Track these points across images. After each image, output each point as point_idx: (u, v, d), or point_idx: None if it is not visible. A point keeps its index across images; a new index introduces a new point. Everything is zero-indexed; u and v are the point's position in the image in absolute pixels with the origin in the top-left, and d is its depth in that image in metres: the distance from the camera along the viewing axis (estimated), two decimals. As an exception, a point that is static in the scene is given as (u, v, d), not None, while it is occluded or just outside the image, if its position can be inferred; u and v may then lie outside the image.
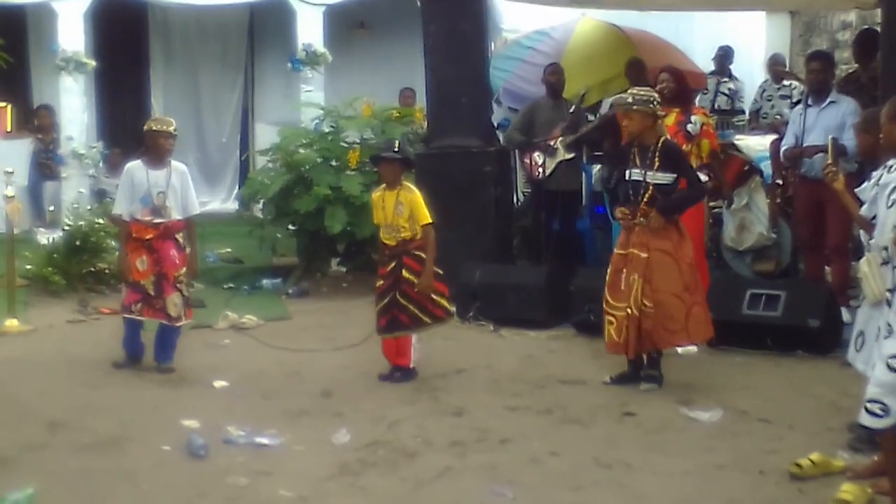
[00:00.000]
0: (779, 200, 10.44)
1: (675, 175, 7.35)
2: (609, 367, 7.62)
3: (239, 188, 14.97)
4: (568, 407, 6.93)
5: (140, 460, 6.00)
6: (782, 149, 9.30)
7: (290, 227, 11.24)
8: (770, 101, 13.44)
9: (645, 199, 7.25)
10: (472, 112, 10.10)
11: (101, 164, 13.30)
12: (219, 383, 7.62)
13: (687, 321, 7.27)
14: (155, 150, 7.96)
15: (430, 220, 7.63)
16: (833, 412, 6.66)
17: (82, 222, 10.78)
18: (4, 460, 5.92)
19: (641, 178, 7.28)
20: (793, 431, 6.35)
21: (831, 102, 9.00)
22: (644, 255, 7.19)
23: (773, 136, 11.89)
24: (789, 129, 9.24)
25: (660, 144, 7.35)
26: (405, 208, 7.59)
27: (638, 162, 7.31)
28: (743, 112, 13.77)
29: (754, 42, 14.99)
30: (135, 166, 8.02)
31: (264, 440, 6.31)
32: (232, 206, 15.06)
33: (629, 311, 7.17)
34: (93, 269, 10.91)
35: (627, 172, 7.42)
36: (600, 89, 12.27)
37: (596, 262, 11.19)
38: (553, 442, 6.25)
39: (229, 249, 12.23)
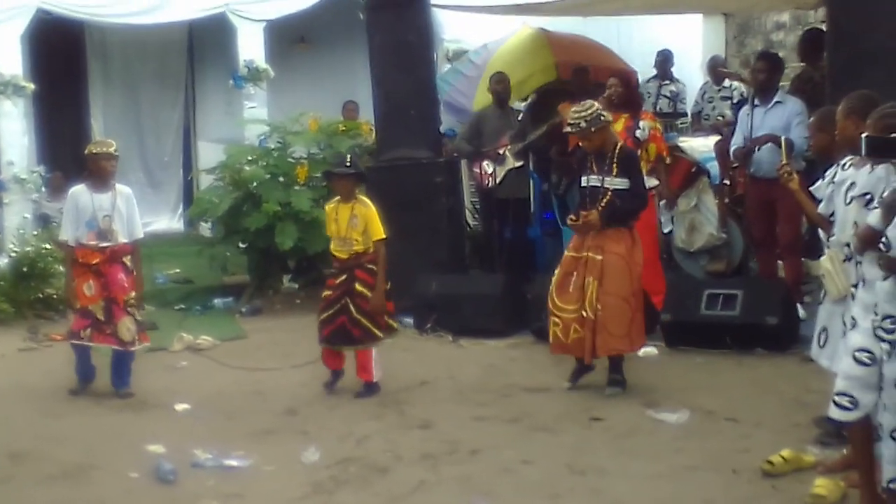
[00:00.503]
0: (727, 200, 10.53)
1: (629, 180, 7.38)
2: (569, 372, 7.65)
3: (184, 207, 14.84)
4: (535, 415, 6.94)
5: (108, 488, 5.92)
6: (731, 149, 9.38)
7: (241, 244, 11.13)
8: (711, 102, 13.54)
9: (603, 204, 7.27)
10: (420, 123, 10.11)
11: (43, 189, 13.07)
12: (180, 406, 7.53)
13: (630, 327, 7.33)
14: (97, 172, 7.86)
15: (384, 236, 7.62)
16: (798, 408, 6.73)
17: (29, 248, 10.60)
18: (-31, 495, 5.81)
19: (599, 184, 7.31)
20: (760, 429, 6.41)
21: (777, 102, 9.10)
22: (599, 257, 7.23)
23: (716, 137, 12.01)
24: (737, 129, 9.32)
25: (617, 150, 7.39)
26: (360, 222, 7.57)
27: (595, 168, 7.35)
28: (685, 114, 13.86)
29: (691, 44, 15.05)
30: (79, 190, 7.93)
31: (233, 462, 6.25)
32: (177, 225, 14.89)
33: (584, 313, 7.20)
34: (41, 296, 10.77)
35: (584, 178, 7.44)
36: (515, 90, 12.22)
37: (547, 268, 11.25)
38: (524, 451, 6.24)
39: (178, 270, 12.10)
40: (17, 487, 5.95)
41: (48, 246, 10.68)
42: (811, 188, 5.88)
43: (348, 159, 7.81)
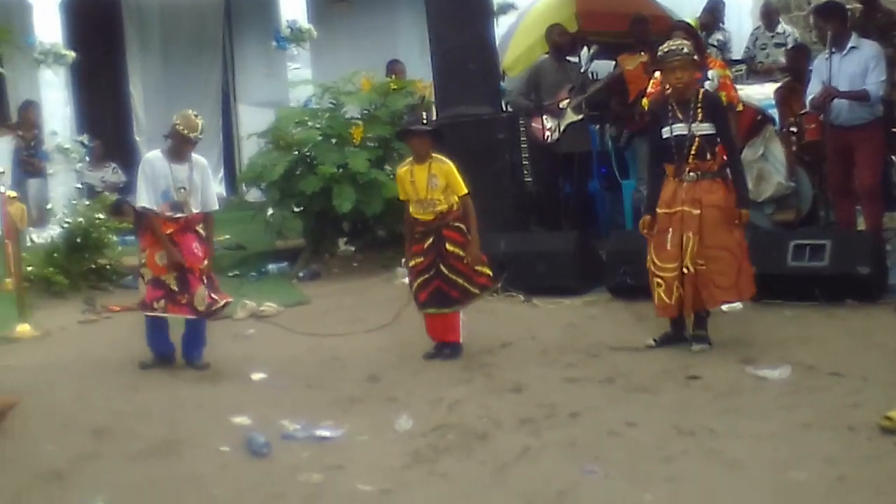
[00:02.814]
0: (794, 148, 10.27)
1: (715, 125, 7.11)
2: (655, 330, 7.43)
3: (225, 172, 14.67)
4: (628, 375, 6.71)
5: (201, 464, 5.70)
6: (808, 98, 9.13)
7: (295, 208, 10.91)
8: (764, 49, 13.22)
9: (693, 152, 7.01)
10: (480, 79, 9.88)
11: (86, 158, 12.90)
12: (257, 375, 7.33)
13: (738, 277, 7.09)
14: (179, 147, 7.56)
15: (467, 191, 7.39)
16: (903, 361, 6.51)
17: (81, 218, 10.40)
18: (59, 474, 5.59)
19: (686, 132, 7.02)
20: (868, 384, 6.16)
21: (852, 48, 8.88)
22: (696, 211, 6.97)
23: (772, 84, 11.74)
24: (814, 77, 9.12)
25: (701, 96, 7.14)
26: (440, 180, 7.33)
27: (680, 115, 7.06)
28: (739, 62, 13.54)
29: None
30: (155, 157, 7.62)
31: (325, 432, 6.03)
32: (218, 189, 14.66)
33: (686, 269, 6.96)
34: (94, 266, 10.59)
35: (666, 129, 7.14)
36: (539, 44, 11.92)
37: (607, 223, 11.06)
38: (625, 412, 6.01)
39: (228, 236, 11.90)
40: (106, 466, 5.72)
41: (101, 216, 10.48)
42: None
43: (424, 117, 7.58)
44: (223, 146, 14.82)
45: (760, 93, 11.49)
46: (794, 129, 10.30)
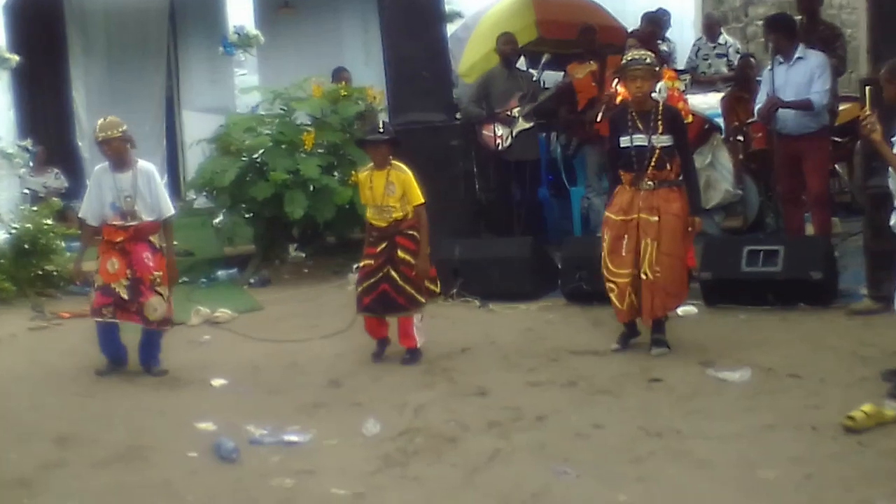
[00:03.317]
0: (741, 156, 10.46)
1: (672, 137, 7.22)
2: (612, 335, 7.54)
3: (169, 179, 14.54)
4: (590, 378, 6.78)
5: (170, 470, 5.65)
6: (756, 107, 9.31)
7: (246, 215, 10.87)
8: (707, 59, 13.46)
9: (652, 163, 7.10)
10: (434, 86, 9.92)
11: (29, 164, 12.72)
12: (217, 381, 7.30)
13: (682, 285, 7.28)
14: (112, 156, 7.50)
15: (423, 201, 7.44)
16: (858, 363, 6.66)
17: (29, 224, 10.26)
18: (26, 482, 5.52)
19: (646, 143, 7.11)
20: (826, 385, 6.30)
21: (799, 59, 9.06)
22: (654, 218, 7.07)
23: (715, 94, 11.96)
24: (762, 88, 9.33)
25: (662, 108, 7.24)
26: (397, 188, 7.38)
27: (640, 126, 7.15)
28: (683, 72, 13.71)
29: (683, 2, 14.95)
30: (101, 170, 7.61)
31: (293, 437, 6.02)
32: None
33: (645, 275, 7.06)
34: (41, 273, 10.46)
35: (626, 138, 7.21)
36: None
37: (556, 229, 11.16)
38: (591, 415, 6.08)
39: (176, 242, 11.76)
40: (73, 472, 5.67)
41: (49, 221, 10.36)
42: (894, 139, 5.77)
43: (381, 125, 7.62)
44: (167, 152, 14.67)
45: (704, 102, 11.70)
46: (740, 137, 10.50)
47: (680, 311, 7.94)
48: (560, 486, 5.13)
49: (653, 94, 8.74)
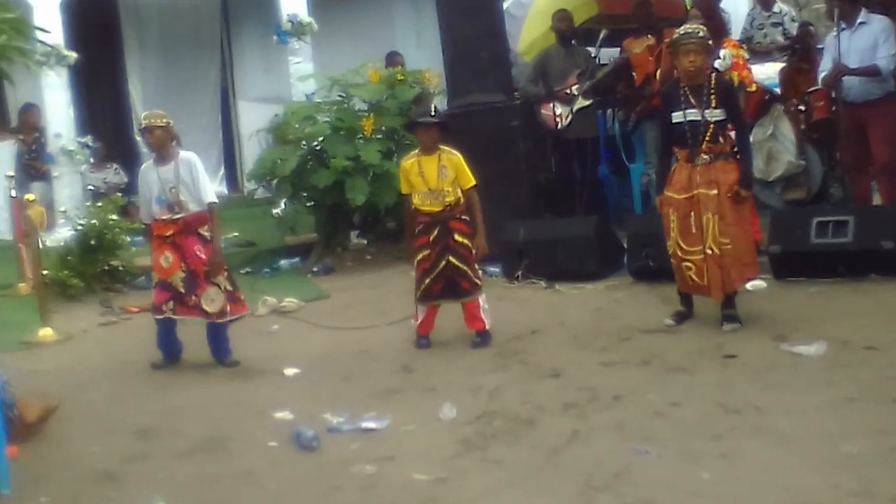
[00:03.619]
0: (804, 126, 10.35)
1: (726, 111, 7.16)
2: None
3: (225, 169, 14.68)
4: (663, 356, 6.74)
5: (252, 460, 5.70)
6: (820, 75, 9.20)
7: (308, 203, 10.91)
8: (762, 29, 13.27)
9: (707, 138, 7.05)
10: (492, 67, 9.90)
11: (90, 160, 12.87)
12: (290, 371, 7.33)
13: (755, 254, 7.22)
14: (151, 145, 7.64)
15: (475, 183, 7.45)
16: (935, 333, 6.57)
17: (94, 220, 10.38)
18: (111, 475, 5.59)
19: (700, 118, 7.06)
20: (905, 356, 6.24)
21: (861, 24, 8.94)
22: (713, 191, 7.02)
23: (773, 64, 11.81)
24: (825, 55, 9.19)
25: (713, 82, 7.17)
26: (450, 171, 7.39)
27: (693, 101, 7.09)
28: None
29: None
30: (146, 167, 7.74)
31: (370, 424, 6.04)
32: (219, 189, 14.64)
33: (710, 250, 7.01)
34: (107, 268, 10.58)
35: (679, 114, 7.15)
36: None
37: (616, 207, 11.11)
38: (667, 393, 6.05)
39: (236, 233, 11.89)
40: (156, 464, 5.74)
41: (114, 217, 10.47)
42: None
43: (433, 108, 7.62)
44: (223, 143, 14.77)
45: (761, 72, 11.52)
46: (802, 107, 10.38)
47: (749, 285, 7.88)
48: (641, 465, 5.11)
49: (716, 63, 8.75)
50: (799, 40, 11.56)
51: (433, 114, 7.60)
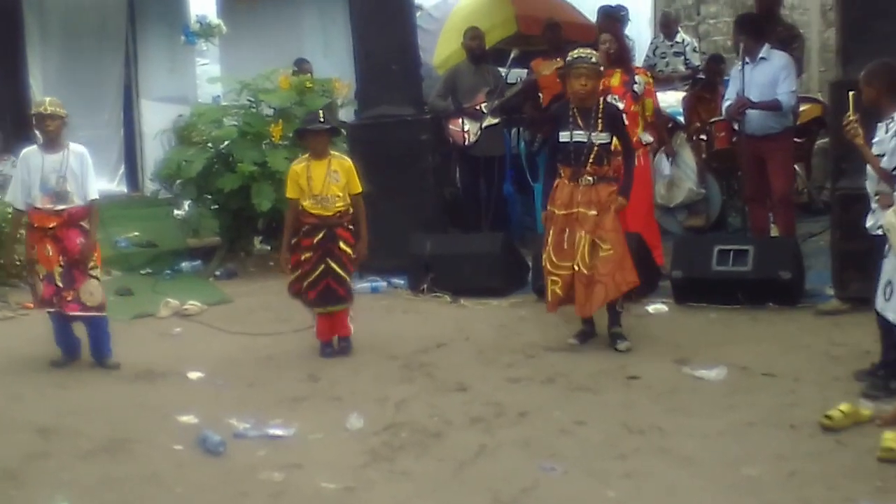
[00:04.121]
0: (704, 155, 10.61)
1: (611, 135, 7.34)
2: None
3: (126, 168, 14.47)
4: (568, 374, 6.85)
5: (157, 463, 5.66)
6: (724, 105, 9.45)
7: (213, 206, 10.83)
8: (664, 58, 13.63)
9: (591, 159, 7.23)
10: (403, 80, 9.93)
11: (-13, 150, 12.59)
12: (194, 374, 7.29)
13: (632, 262, 7.36)
14: (42, 133, 7.51)
15: (361, 190, 7.58)
16: (831, 362, 6.79)
17: (-13, 213, 10.15)
18: (11, 473, 5.50)
19: (586, 139, 7.23)
20: (801, 384, 6.41)
21: (762, 59, 9.17)
22: (593, 212, 7.20)
23: (674, 93, 12.11)
24: (730, 87, 9.45)
25: (602, 105, 7.36)
26: (341, 176, 7.46)
27: (581, 123, 7.25)
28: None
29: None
30: (30, 152, 7.53)
31: (277, 431, 6.03)
32: (118, 187, 14.45)
33: (576, 267, 7.18)
34: (2, 262, 10.32)
35: (565, 134, 7.31)
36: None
37: (519, 225, 11.24)
38: (572, 411, 6.15)
39: (137, 233, 11.73)
40: (59, 464, 5.65)
41: (9, 210, 10.22)
42: (874, 141, 5.90)
43: (321, 115, 7.68)
44: (124, 141, 14.55)
45: (662, 100, 11.79)
46: (703, 137, 10.64)
47: (651, 308, 8.10)
48: (548, 481, 5.20)
49: (634, 87, 8.92)
50: (707, 70, 11.85)
51: (322, 119, 7.64)
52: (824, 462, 5.24)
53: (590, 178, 7.23)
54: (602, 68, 7.46)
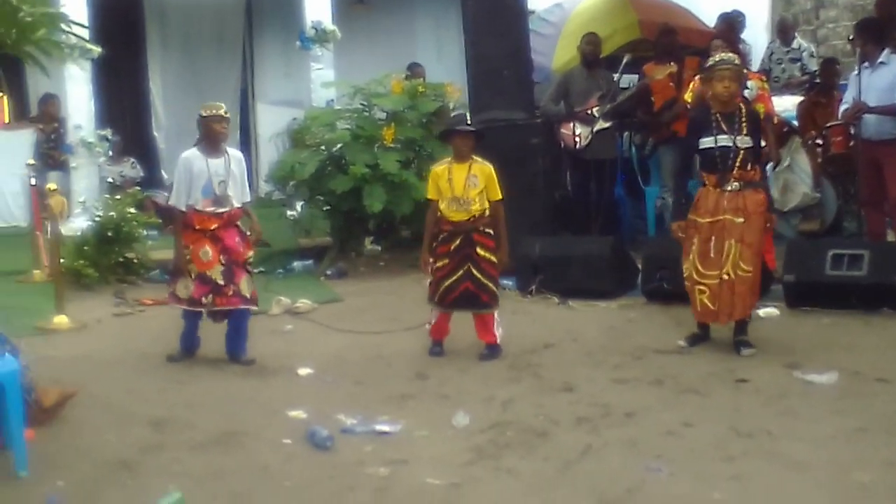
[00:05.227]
0: (820, 160, 10.44)
1: (755, 139, 7.24)
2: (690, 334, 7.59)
3: (243, 170, 14.74)
4: (676, 377, 6.81)
5: (267, 456, 5.76)
6: (841, 109, 9.31)
7: (325, 207, 10.99)
8: (780, 63, 13.42)
9: (737, 164, 7.12)
10: (514, 85, 9.99)
11: (109, 153, 12.95)
12: (303, 371, 7.39)
13: (759, 283, 7.29)
14: (210, 136, 7.58)
15: (501, 196, 7.49)
16: (945, 368, 6.65)
17: (113, 212, 10.44)
18: (126, 463, 5.64)
19: (731, 144, 7.13)
20: (915, 390, 6.31)
21: (881, 63, 9.03)
22: (740, 219, 7.09)
23: (791, 98, 11.93)
24: (848, 91, 9.32)
25: (744, 109, 7.26)
26: (480, 181, 7.42)
27: (725, 127, 7.16)
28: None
29: (756, 4, 14.92)
30: (192, 155, 7.62)
31: (384, 427, 6.10)
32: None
33: (727, 275, 7.07)
34: (121, 260, 10.64)
35: (709, 139, 7.21)
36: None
37: (630, 229, 11.20)
38: (680, 413, 6.11)
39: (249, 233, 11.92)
40: (171, 456, 5.78)
41: (132, 210, 10.54)
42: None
43: (468, 117, 7.68)
44: (240, 144, 14.83)
45: (779, 105, 11.65)
46: (819, 141, 10.47)
47: (762, 312, 7.99)
48: (654, 482, 5.17)
49: (745, 92, 8.84)
50: (823, 74, 11.66)
51: (468, 122, 7.62)
52: (937, 469, 5.14)
53: (736, 184, 7.14)
54: (744, 70, 7.34)
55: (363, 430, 6.09)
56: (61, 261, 9.70)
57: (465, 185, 7.42)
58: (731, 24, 12.88)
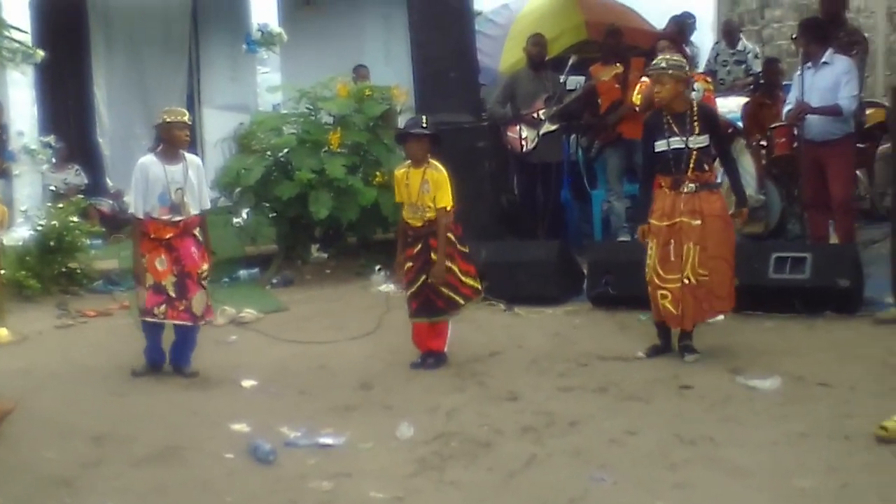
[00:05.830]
0: (764, 162, 10.50)
1: (709, 137, 7.23)
2: (639, 340, 7.63)
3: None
4: (620, 384, 6.82)
5: (208, 470, 5.71)
6: (784, 111, 9.36)
7: (271, 214, 10.90)
8: (725, 65, 13.52)
9: (692, 165, 7.12)
10: (461, 87, 9.96)
11: (52, 160, 12.78)
12: (247, 382, 7.32)
13: (731, 287, 7.26)
14: (171, 142, 7.42)
15: (449, 204, 7.39)
16: (888, 372, 6.72)
17: (55, 221, 10.29)
18: (66, 480, 5.57)
19: (684, 145, 7.12)
20: (857, 394, 6.34)
21: (825, 63, 9.07)
22: (697, 222, 7.07)
23: (737, 99, 12.00)
24: (791, 91, 9.35)
25: (696, 108, 7.26)
26: (431, 187, 7.34)
27: (676, 129, 7.15)
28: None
29: (702, 5, 15.02)
30: (149, 162, 7.45)
31: (327, 440, 6.06)
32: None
33: (687, 280, 7.07)
34: (64, 270, 10.48)
35: (664, 142, 7.20)
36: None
37: (576, 233, 11.21)
38: (623, 421, 6.12)
39: (202, 239, 11.82)
40: (113, 471, 5.71)
41: (75, 219, 10.40)
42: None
43: (424, 121, 7.55)
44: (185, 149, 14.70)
45: (723, 106, 11.71)
46: (763, 142, 10.53)
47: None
48: (598, 491, 5.18)
49: (691, 94, 8.84)
50: (766, 75, 11.73)
51: (424, 125, 7.51)
52: (878, 474, 5.18)
53: (692, 185, 7.13)
54: (685, 71, 7.31)
55: (307, 443, 6.06)
56: (2, 272, 9.55)
57: (420, 191, 7.34)
58: (681, 27, 12.99)
